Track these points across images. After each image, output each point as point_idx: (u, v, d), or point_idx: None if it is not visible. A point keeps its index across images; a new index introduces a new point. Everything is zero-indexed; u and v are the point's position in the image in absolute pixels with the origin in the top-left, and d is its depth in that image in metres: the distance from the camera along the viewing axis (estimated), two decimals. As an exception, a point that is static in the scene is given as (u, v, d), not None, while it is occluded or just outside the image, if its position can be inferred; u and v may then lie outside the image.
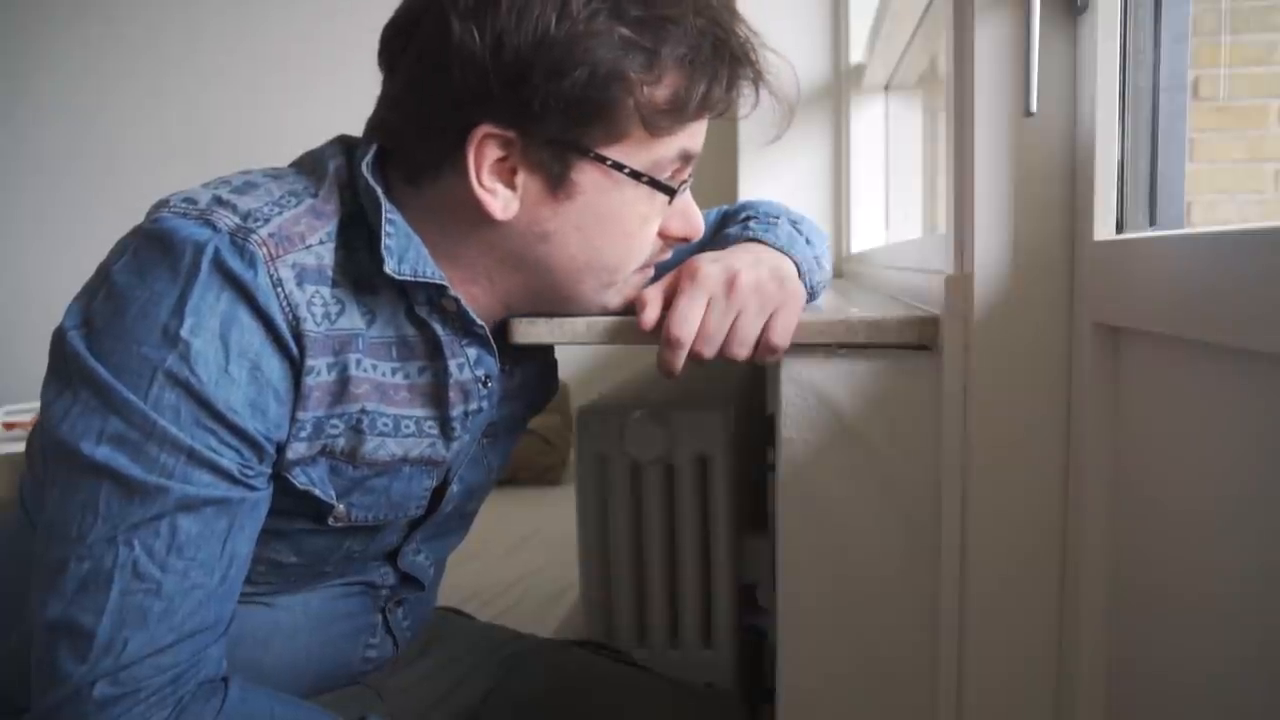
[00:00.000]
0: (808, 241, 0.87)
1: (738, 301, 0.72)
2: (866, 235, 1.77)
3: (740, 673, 1.26)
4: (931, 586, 0.76)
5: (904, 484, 0.77)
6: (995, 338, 0.69)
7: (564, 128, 0.67)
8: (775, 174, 1.83)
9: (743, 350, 0.73)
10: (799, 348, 0.77)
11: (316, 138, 0.77)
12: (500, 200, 0.69)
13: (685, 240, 0.78)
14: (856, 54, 1.76)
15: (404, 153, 0.71)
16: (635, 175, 0.70)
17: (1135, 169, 0.66)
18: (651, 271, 0.79)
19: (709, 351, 0.73)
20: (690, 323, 0.72)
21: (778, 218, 0.88)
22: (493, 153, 0.68)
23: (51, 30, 2.97)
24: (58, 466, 0.63)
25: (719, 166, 1.95)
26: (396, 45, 0.70)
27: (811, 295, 0.83)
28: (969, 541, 0.72)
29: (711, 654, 1.24)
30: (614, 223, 0.71)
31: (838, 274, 1.82)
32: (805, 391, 0.78)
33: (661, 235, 0.76)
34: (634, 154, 0.69)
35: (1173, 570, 0.56)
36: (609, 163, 0.69)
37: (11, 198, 3.03)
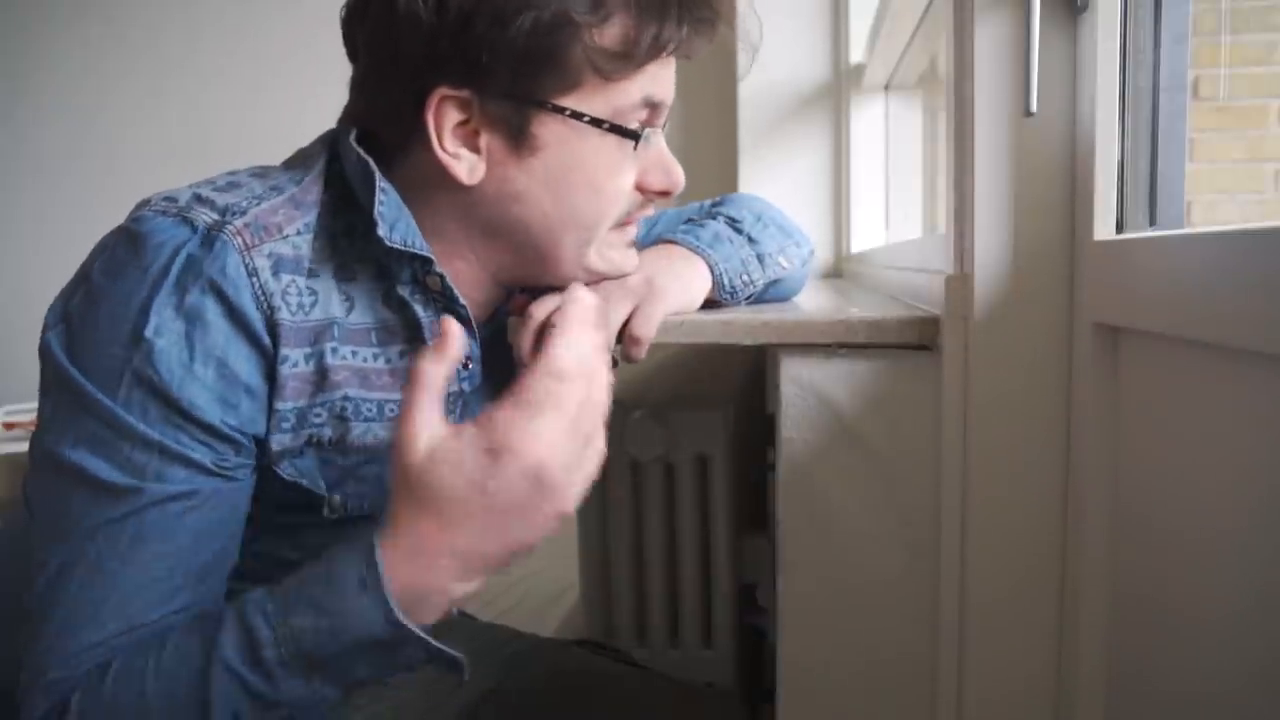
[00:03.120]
0: (750, 240, 0.88)
1: (600, 292, 0.75)
2: (866, 235, 1.77)
3: (740, 673, 1.26)
4: (931, 586, 0.76)
5: (904, 484, 0.77)
6: (995, 338, 0.69)
7: (515, 80, 0.67)
8: (775, 174, 1.83)
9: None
10: (799, 348, 0.77)
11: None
12: (465, 164, 0.69)
13: (666, 194, 0.75)
14: (856, 54, 1.76)
15: (375, 134, 0.71)
16: (596, 122, 0.69)
17: (1135, 169, 0.66)
18: (635, 229, 0.78)
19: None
20: (547, 303, 0.75)
21: (715, 218, 0.89)
22: (452, 116, 0.68)
23: (51, 30, 2.97)
24: (40, 470, 0.64)
25: (719, 167, 1.95)
26: (354, 29, 0.71)
27: (732, 294, 0.84)
28: (969, 541, 0.72)
29: (711, 654, 1.25)
30: (582, 175, 0.70)
31: (838, 274, 1.82)
32: (805, 391, 0.78)
33: (641, 190, 0.74)
34: (591, 101, 0.68)
35: (1172, 570, 0.56)
36: (567, 112, 0.68)
37: (11, 198, 3.03)
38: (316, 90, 0.76)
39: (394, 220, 0.69)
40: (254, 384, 0.66)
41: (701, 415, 1.21)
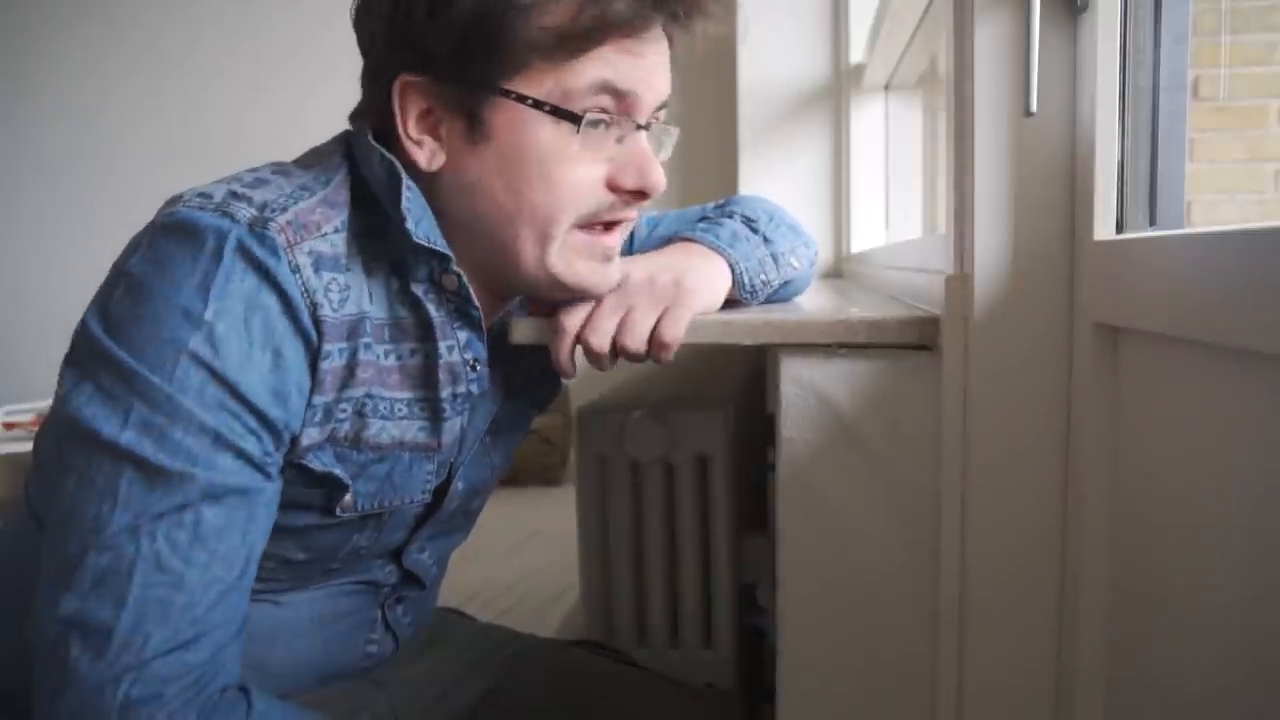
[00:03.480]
0: (765, 240, 0.87)
1: (628, 298, 0.75)
2: (866, 235, 1.77)
3: (740, 673, 1.26)
4: (931, 586, 0.76)
5: (904, 484, 0.77)
6: (995, 338, 0.69)
7: (464, 64, 0.67)
8: (775, 174, 1.83)
9: (632, 341, 0.74)
10: (799, 348, 0.77)
11: (317, 137, 0.77)
12: (426, 151, 0.70)
13: (640, 194, 0.72)
14: (856, 54, 1.76)
15: (379, 131, 0.72)
16: (539, 105, 0.67)
17: (1135, 169, 0.66)
18: (615, 242, 0.74)
19: (596, 340, 0.74)
20: (577, 314, 0.75)
21: (730, 217, 0.88)
22: (416, 103, 0.69)
23: (51, 30, 2.97)
24: (75, 455, 0.62)
25: (719, 166, 1.95)
26: (355, 23, 0.73)
27: (752, 293, 0.84)
28: (969, 541, 0.72)
29: (711, 654, 1.24)
30: (532, 163, 0.69)
31: (838, 274, 1.82)
32: (805, 391, 0.78)
33: (614, 189, 0.71)
34: (540, 84, 0.67)
35: (1172, 570, 0.56)
36: (512, 95, 0.67)
37: (11, 198, 3.02)
38: (316, 90, 0.76)
39: (419, 218, 0.69)
40: (301, 378, 0.66)
41: (701, 415, 1.21)
